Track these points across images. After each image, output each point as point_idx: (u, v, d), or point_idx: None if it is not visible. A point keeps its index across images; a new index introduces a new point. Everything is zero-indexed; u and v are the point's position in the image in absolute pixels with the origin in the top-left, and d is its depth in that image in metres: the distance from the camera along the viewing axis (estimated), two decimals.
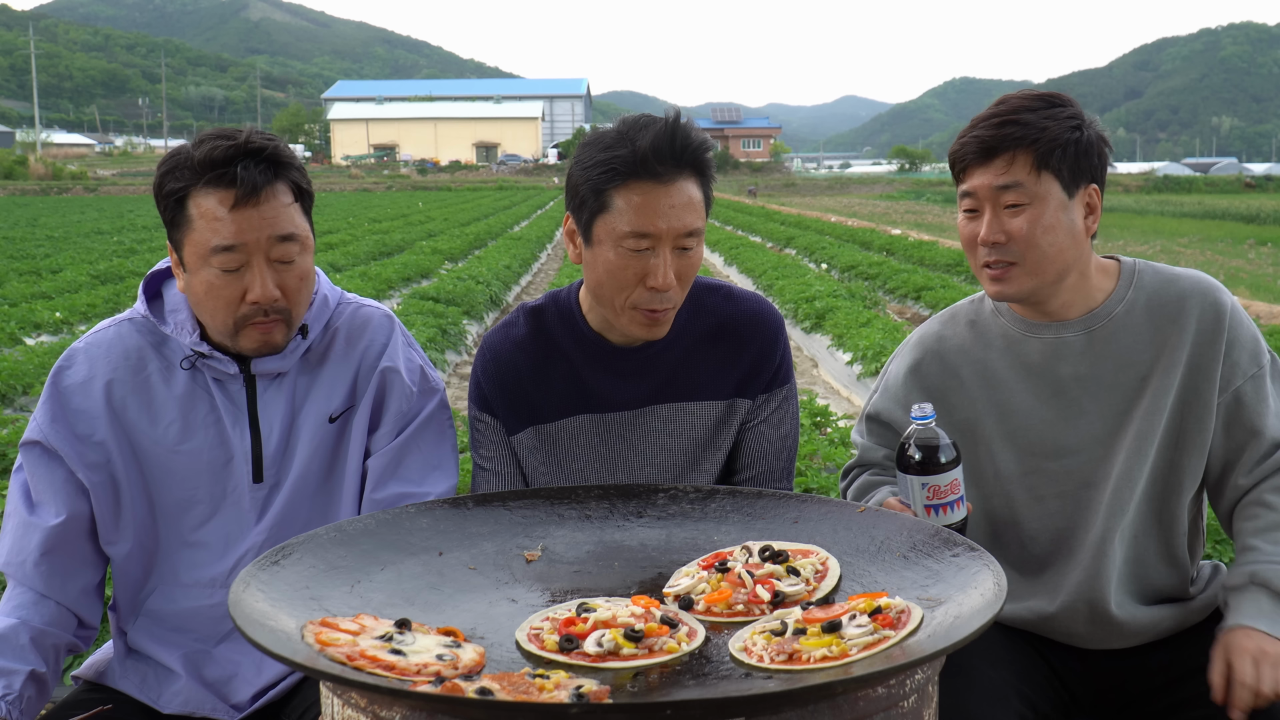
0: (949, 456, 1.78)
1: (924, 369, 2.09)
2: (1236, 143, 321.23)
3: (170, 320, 1.93)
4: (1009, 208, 1.90)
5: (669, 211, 1.83)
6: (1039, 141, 1.88)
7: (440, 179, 78.02)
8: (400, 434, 1.99)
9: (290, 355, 1.93)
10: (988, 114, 1.95)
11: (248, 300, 1.82)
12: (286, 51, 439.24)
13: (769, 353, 2.06)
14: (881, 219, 32.05)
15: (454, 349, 9.44)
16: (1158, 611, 2.01)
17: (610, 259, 1.86)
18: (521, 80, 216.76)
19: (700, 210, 1.87)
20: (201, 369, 1.93)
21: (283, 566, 1.46)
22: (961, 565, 1.45)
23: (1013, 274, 1.92)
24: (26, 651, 1.84)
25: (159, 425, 1.92)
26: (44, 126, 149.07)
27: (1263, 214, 35.37)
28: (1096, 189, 1.94)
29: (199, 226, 1.79)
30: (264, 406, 1.94)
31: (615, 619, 1.36)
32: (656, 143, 1.81)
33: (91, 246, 20.08)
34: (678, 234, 1.84)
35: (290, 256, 1.84)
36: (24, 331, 9.78)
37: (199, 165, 1.78)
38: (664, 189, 1.82)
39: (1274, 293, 14.14)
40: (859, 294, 12.21)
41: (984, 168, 1.91)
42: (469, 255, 18.69)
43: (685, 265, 1.88)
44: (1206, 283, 1.98)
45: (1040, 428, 2.00)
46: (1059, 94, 1.97)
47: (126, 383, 1.92)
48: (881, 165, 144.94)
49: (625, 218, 1.83)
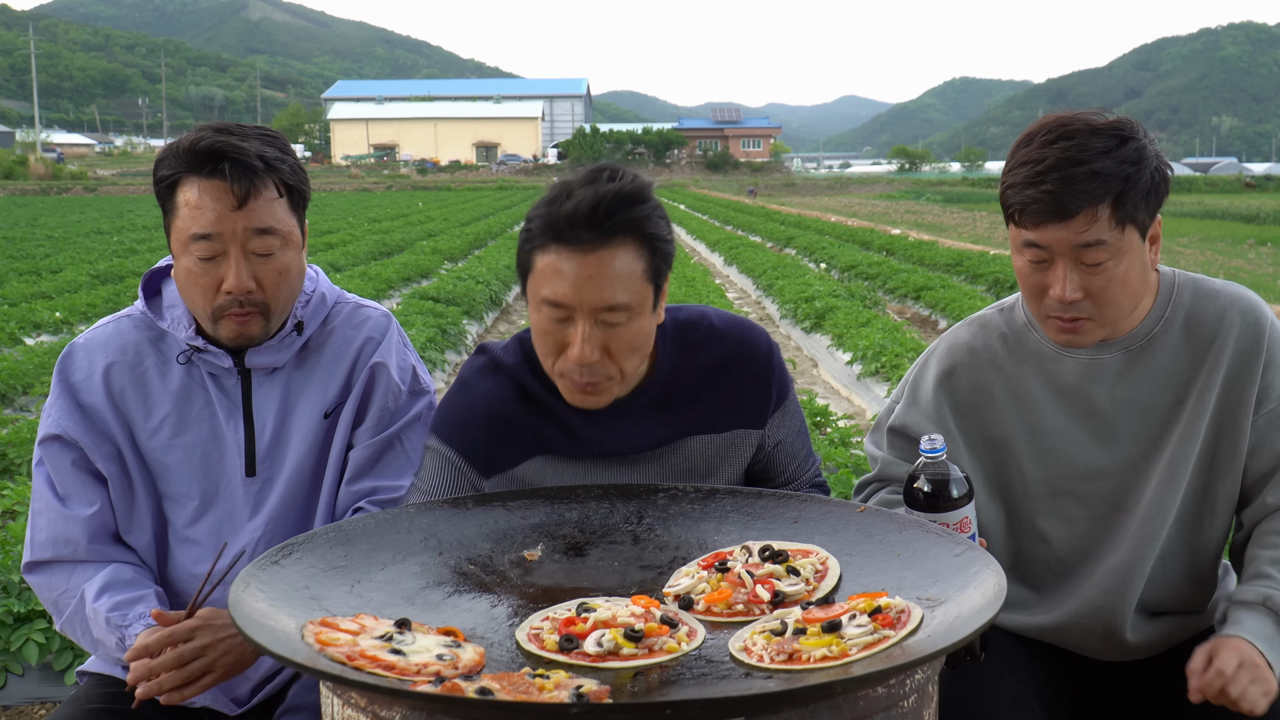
0: (961, 491, 1.68)
1: (955, 381, 1.99)
2: (1236, 143, 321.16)
3: (167, 316, 1.95)
4: (1088, 265, 1.77)
5: (584, 283, 1.67)
6: (1122, 195, 1.73)
7: (440, 179, 78.03)
8: (385, 430, 2.00)
9: (285, 350, 1.95)
10: (1056, 158, 1.73)
11: (223, 290, 1.84)
12: (286, 51, 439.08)
13: (764, 379, 1.96)
14: (881, 219, 32.04)
15: (454, 349, 9.44)
16: (1169, 623, 1.98)
17: (535, 321, 1.75)
18: (521, 80, 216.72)
19: (631, 283, 1.69)
20: (198, 364, 1.95)
21: (283, 566, 1.46)
22: (961, 565, 1.44)
23: (1086, 327, 1.83)
24: (139, 581, 1.89)
25: (154, 418, 1.94)
26: (44, 126, 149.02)
27: (1263, 214, 35.35)
28: (1160, 219, 1.83)
29: (182, 214, 1.83)
30: (258, 401, 1.96)
31: (615, 619, 1.36)
32: (577, 209, 1.66)
33: (91, 246, 20.06)
34: (594, 308, 1.68)
35: (270, 250, 1.85)
36: (24, 331, 9.77)
37: (185, 154, 1.82)
38: (581, 257, 1.67)
39: (1274, 292, 14.13)
40: (859, 294, 12.21)
41: (1061, 225, 1.75)
42: (469, 255, 18.69)
43: (613, 339, 1.72)
44: (1246, 300, 1.90)
45: (1073, 449, 1.93)
46: (1126, 122, 1.78)
47: (124, 376, 1.94)
48: (881, 165, 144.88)
49: (540, 282, 1.70)
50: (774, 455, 2.02)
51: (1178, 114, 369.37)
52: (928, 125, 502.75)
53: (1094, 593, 1.95)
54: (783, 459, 2.03)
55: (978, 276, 13.95)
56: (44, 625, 3.26)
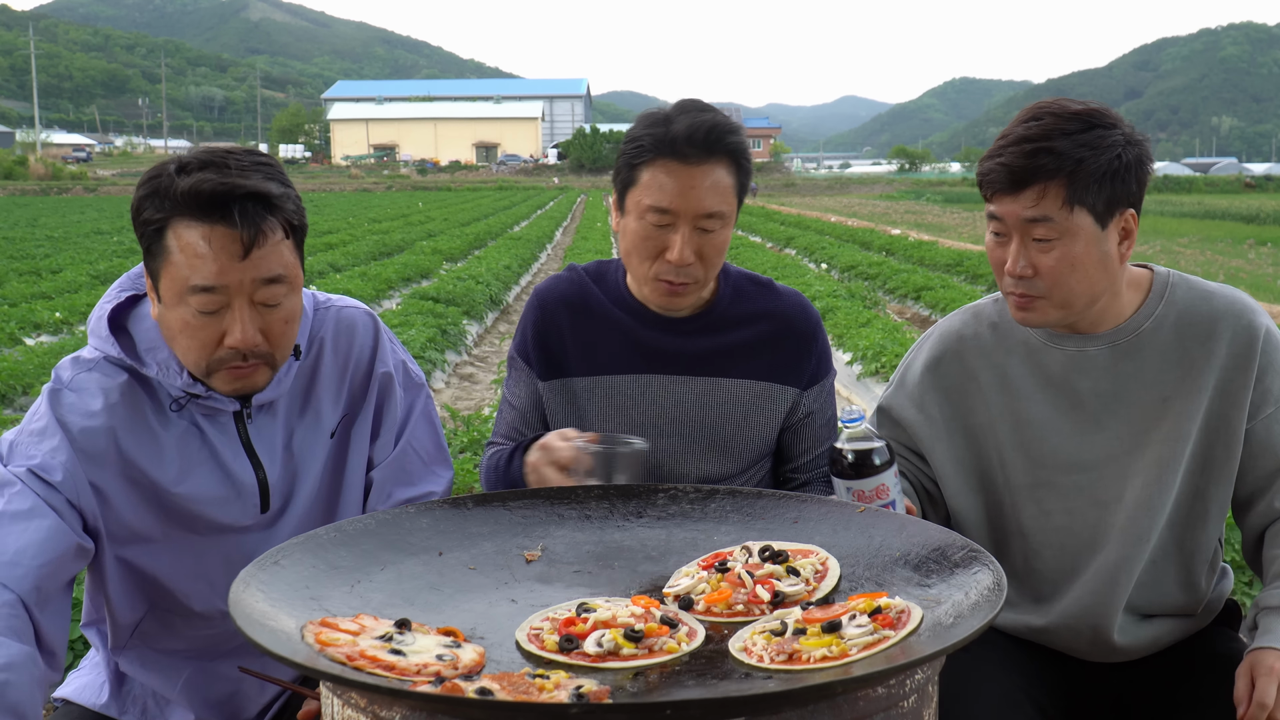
0: (882, 459, 1.72)
1: (943, 368, 2.03)
2: (1236, 143, 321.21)
3: (149, 361, 1.76)
4: (1038, 240, 1.80)
5: (689, 192, 1.92)
6: (1074, 175, 1.76)
7: (440, 179, 78.05)
8: (398, 440, 1.97)
9: (283, 379, 1.82)
10: (1019, 134, 1.80)
11: (226, 344, 1.67)
12: (286, 51, 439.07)
13: (808, 345, 2.13)
14: (881, 219, 32.04)
15: (454, 349, 9.44)
16: (1160, 626, 1.98)
17: (634, 229, 1.97)
18: (521, 80, 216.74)
19: (726, 194, 1.95)
20: (190, 408, 1.79)
21: (283, 566, 1.45)
22: (961, 565, 1.44)
23: (1039, 305, 1.86)
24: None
25: (160, 465, 1.78)
26: (44, 126, 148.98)
27: (1262, 214, 35.35)
28: (1133, 214, 1.83)
29: (178, 261, 1.64)
30: (259, 436, 1.84)
31: (615, 619, 1.36)
32: (692, 130, 1.91)
33: (91, 247, 20.07)
34: (697, 214, 1.93)
35: (277, 299, 1.69)
36: (24, 331, 9.78)
37: (183, 197, 1.62)
38: (688, 170, 1.92)
39: (1274, 292, 14.13)
40: (859, 294, 12.22)
41: (1012, 197, 1.80)
42: (469, 255, 18.69)
43: (707, 244, 1.96)
44: (1241, 304, 1.89)
45: (1054, 440, 1.94)
46: (1099, 111, 1.81)
47: (126, 421, 1.76)
48: (881, 165, 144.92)
49: (649, 192, 1.94)
50: (800, 429, 2.16)
51: (1178, 114, 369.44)
52: (928, 125, 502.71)
53: (1081, 593, 1.95)
54: (806, 437, 2.15)
55: (978, 277, 13.96)
56: None
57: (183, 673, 1.88)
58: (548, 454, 1.86)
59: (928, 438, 2.04)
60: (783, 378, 2.11)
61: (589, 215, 33.08)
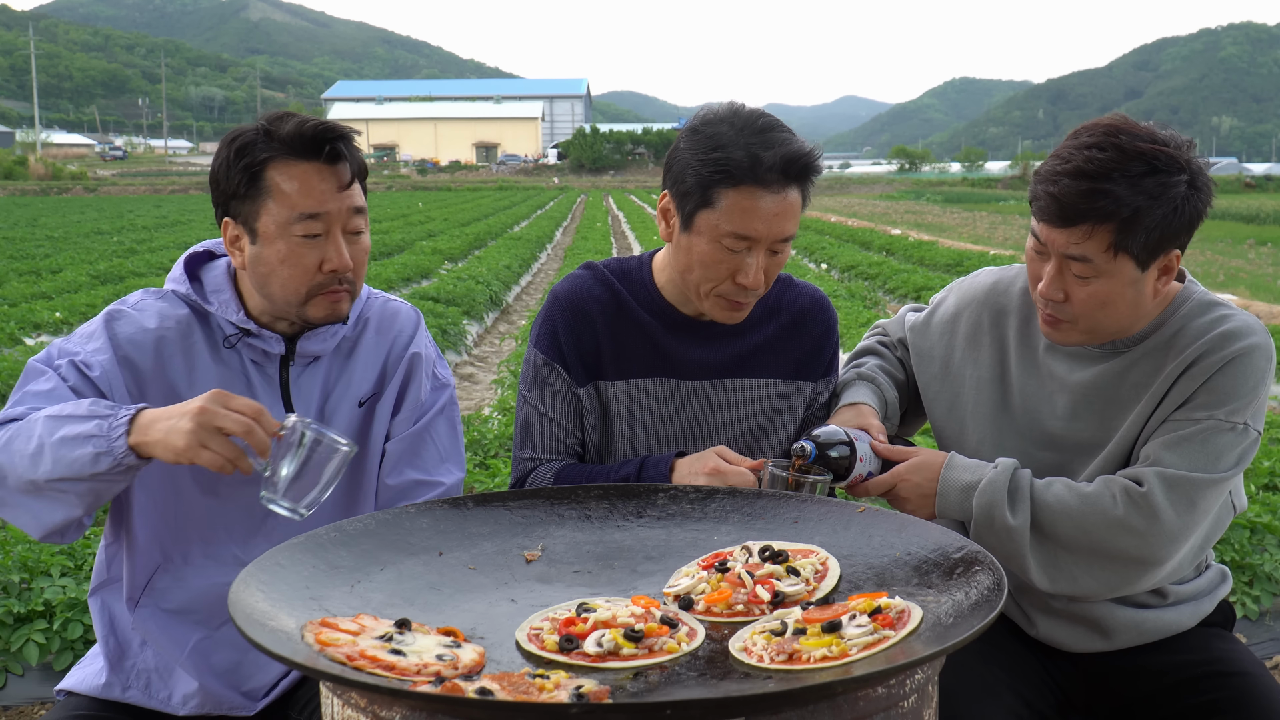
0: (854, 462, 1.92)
1: (960, 321, 2.13)
2: (1236, 143, 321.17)
3: (213, 300, 1.95)
4: (1076, 274, 1.80)
5: (773, 220, 1.92)
6: (1126, 223, 1.72)
7: (440, 179, 78.02)
8: (417, 422, 2.05)
9: (332, 338, 1.99)
10: (1077, 166, 1.73)
11: (325, 269, 1.88)
12: (286, 51, 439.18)
13: (826, 338, 2.20)
14: (881, 219, 32.04)
15: (454, 349, 9.44)
16: (1138, 614, 1.98)
17: (706, 250, 1.96)
18: (521, 80, 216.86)
19: (798, 215, 1.97)
20: (240, 350, 1.95)
21: (283, 566, 1.46)
22: (961, 565, 1.45)
23: (1065, 328, 1.89)
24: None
25: (197, 394, 1.81)
26: (44, 126, 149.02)
27: (1263, 214, 35.36)
28: (1177, 254, 1.81)
29: (285, 193, 1.85)
30: (298, 389, 1.98)
31: (615, 619, 1.36)
32: (786, 162, 1.90)
33: (91, 247, 20.06)
34: (774, 239, 1.94)
35: (360, 228, 1.93)
36: (24, 331, 9.77)
37: (288, 138, 1.84)
38: (773, 197, 1.91)
39: (1274, 292, 14.13)
40: (859, 294, 12.22)
41: (1058, 230, 1.78)
42: (469, 255, 18.68)
43: (774, 265, 1.99)
44: (1238, 327, 1.85)
45: (1036, 413, 1.99)
46: (1166, 152, 1.72)
47: (175, 346, 1.92)
48: (881, 165, 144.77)
49: (729, 218, 1.92)
50: (807, 421, 2.19)
51: (1177, 114, 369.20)
52: (928, 125, 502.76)
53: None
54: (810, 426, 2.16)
55: None
56: (44, 625, 3.26)
57: (191, 638, 1.91)
58: (721, 478, 1.88)
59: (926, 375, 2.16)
60: (804, 374, 2.17)
61: (589, 215, 33.09)
